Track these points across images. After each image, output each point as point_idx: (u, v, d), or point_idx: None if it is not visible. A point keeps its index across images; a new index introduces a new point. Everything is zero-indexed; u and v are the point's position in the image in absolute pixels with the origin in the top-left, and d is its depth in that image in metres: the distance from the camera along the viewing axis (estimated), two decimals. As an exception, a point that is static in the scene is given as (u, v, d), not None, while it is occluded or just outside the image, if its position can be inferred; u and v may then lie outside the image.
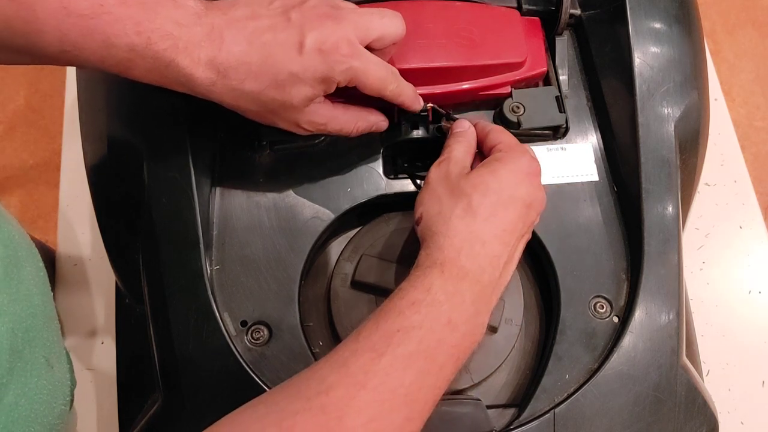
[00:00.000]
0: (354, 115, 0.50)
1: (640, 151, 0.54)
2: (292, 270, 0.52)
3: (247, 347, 0.50)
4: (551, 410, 0.48)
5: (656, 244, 0.52)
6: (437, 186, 0.48)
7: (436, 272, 0.42)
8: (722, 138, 0.79)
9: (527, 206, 0.46)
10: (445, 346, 0.40)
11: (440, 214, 0.45)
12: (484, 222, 0.44)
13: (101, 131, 0.54)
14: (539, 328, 0.55)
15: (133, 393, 0.59)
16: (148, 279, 0.50)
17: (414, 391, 0.39)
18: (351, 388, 0.37)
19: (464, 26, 0.56)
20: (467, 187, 0.46)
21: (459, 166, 0.49)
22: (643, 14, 0.57)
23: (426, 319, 0.40)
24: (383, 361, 0.38)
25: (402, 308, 0.41)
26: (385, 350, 0.39)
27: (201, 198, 0.51)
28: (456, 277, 0.42)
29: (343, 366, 0.38)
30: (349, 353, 0.39)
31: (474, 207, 0.45)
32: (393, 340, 0.39)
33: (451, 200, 0.46)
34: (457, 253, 0.43)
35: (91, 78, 0.56)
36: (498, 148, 0.49)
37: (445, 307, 0.41)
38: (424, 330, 0.40)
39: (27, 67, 1.62)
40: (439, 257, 0.43)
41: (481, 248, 0.44)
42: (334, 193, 0.54)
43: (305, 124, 0.48)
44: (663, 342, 0.50)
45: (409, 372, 0.39)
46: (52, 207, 0.75)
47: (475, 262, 0.43)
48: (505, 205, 0.45)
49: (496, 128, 0.52)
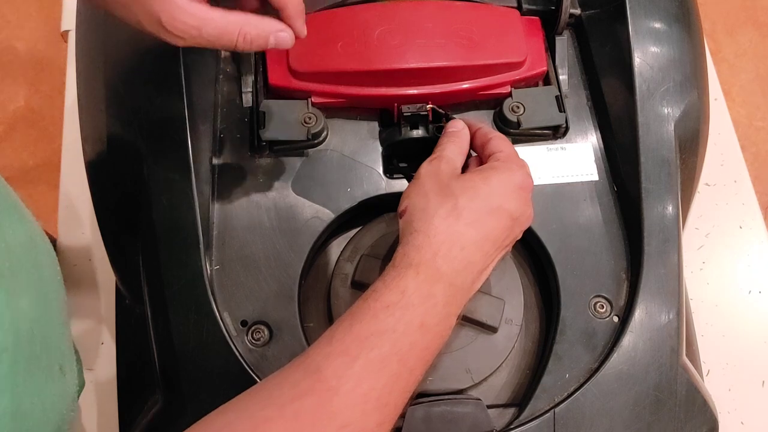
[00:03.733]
0: (238, 20, 0.42)
1: (640, 150, 0.54)
2: (292, 270, 0.52)
3: (247, 347, 0.50)
4: (551, 410, 0.48)
5: (656, 244, 0.52)
6: (426, 181, 0.46)
7: (411, 273, 0.41)
8: (722, 138, 0.79)
9: (513, 219, 0.46)
10: (416, 349, 0.40)
11: (424, 210, 0.44)
12: (467, 226, 0.44)
13: (101, 132, 0.54)
14: (539, 327, 0.55)
15: (134, 394, 0.59)
16: (148, 279, 0.50)
17: (386, 395, 0.38)
18: (324, 394, 0.37)
19: (464, 26, 0.56)
20: (456, 189, 0.45)
21: (450, 166, 0.48)
22: (643, 14, 0.57)
23: (399, 323, 0.40)
24: (356, 365, 0.38)
25: (376, 311, 0.40)
26: (358, 354, 0.38)
27: (201, 198, 0.51)
28: (431, 279, 0.42)
29: (316, 371, 0.38)
30: (321, 357, 0.38)
31: (459, 209, 0.44)
32: (366, 343, 0.39)
33: (438, 198, 0.45)
34: (434, 254, 0.42)
35: (91, 78, 0.56)
36: (496, 157, 0.48)
37: (419, 311, 0.40)
38: (397, 333, 0.39)
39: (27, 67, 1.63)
40: (415, 258, 0.42)
41: (459, 252, 0.43)
42: (334, 193, 0.54)
43: (171, 23, 0.40)
44: (663, 341, 0.50)
45: (382, 376, 0.38)
46: (52, 207, 0.75)
47: (450, 265, 0.42)
48: (490, 214, 0.44)
49: (498, 136, 0.50)
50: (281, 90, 0.56)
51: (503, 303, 0.53)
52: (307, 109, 0.55)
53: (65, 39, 0.84)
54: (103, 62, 0.55)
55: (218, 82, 0.58)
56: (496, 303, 0.52)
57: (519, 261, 0.56)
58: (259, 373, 0.48)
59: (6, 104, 1.59)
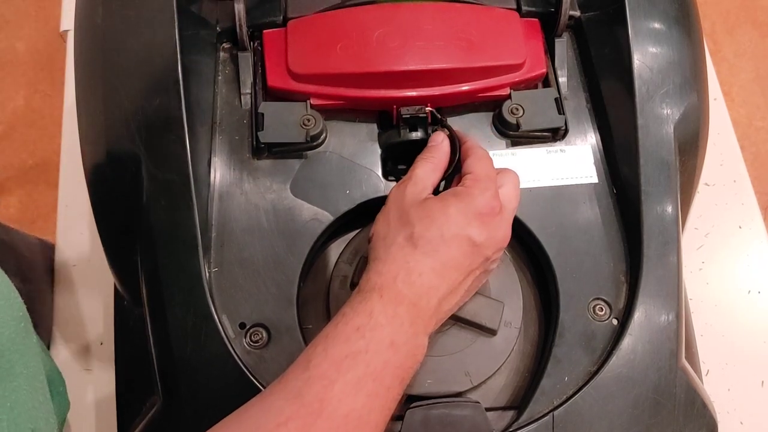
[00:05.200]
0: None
1: (640, 152, 0.54)
2: (290, 272, 0.52)
3: (245, 349, 0.50)
4: (550, 413, 0.48)
5: (656, 246, 0.52)
6: (391, 207, 0.48)
7: (376, 297, 0.43)
8: (722, 138, 0.79)
9: (474, 246, 0.45)
10: (390, 368, 0.41)
11: (385, 239, 0.46)
12: (423, 255, 0.44)
13: (100, 133, 0.54)
14: (538, 330, 0.55)
15: (132, 395, 0.59)
16: (147, 281, 0.50)
17: (365, 414, 0.40)
18: (308, 418, 0.38)
19: (463, 28, 0.56)
20: (414, 217, 0.46)
21: (419, 187, 0.48)
22: (642, 16, 0.56)
23: (371, 343, 0.41)
24: (335, 388, 0.39)
25: (348, 334, 0.41)
26: (336, 377, 0.39)
27: (199, 200, 0.51)
28: (394, 300, 0.43)
29: (298, 396, 0.39)
30: (301, 383, 0.40)
31: (415, 239, 0.45)
32: (342, 366, 0.40)
33: (397, 226, 0.46)
34: (393, 279, 0.43)
35: (89, 79, 0.56)
36: (464, 181, 0.48)
37: (387, 330, 0.42)
38: (370, 354, 0.41)
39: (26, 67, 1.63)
40: (377, 282, 0.43)
41: (418, 278, 0.44)
42: (333, 195, 0.54)
43: None
44: (662, 344, 0.50)
45: (360, 396, 0.39)
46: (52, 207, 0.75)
47: (411, 289, 0.43)
48: (447, 242, 0.45)
49: (475, 155, 0.50)
50: (280, 92, 0.56)
51: (502, 305, 0.52)
52: (306, 111, 0.55)
53: (64, 39, 0.84)
54: (101, 63, 0.55)
55: (217, 83, 0.58)
56: (495, 305, 0.52)
57: (518, 263, 0.56)
58: (257, 375, 0.48)
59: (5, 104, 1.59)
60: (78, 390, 0.64)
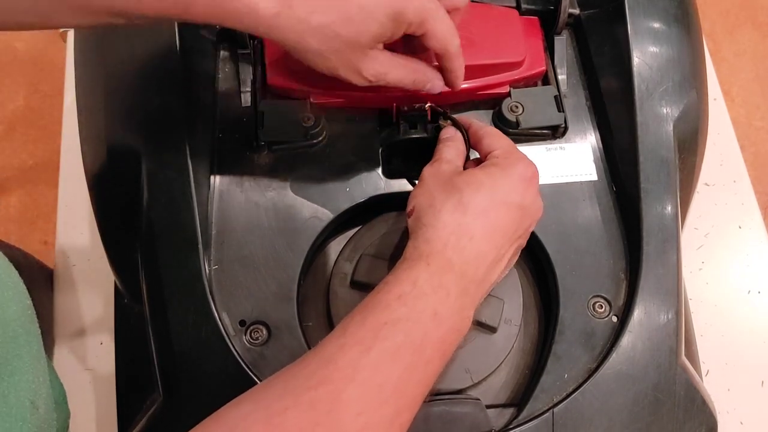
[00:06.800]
0: (413, 67, 0.50)
1: (639, 150, 0.54)
2: (291, 270, 0.52)
3: (245, 347, 0.50)
4: (550, 410, 0.48)
5: (655, 244, 0.52)
6: (430, 181, 0.47)
7: (422, 265, 0.42)
8: (721, 138, 0.79)
9: (522, 210, 0.46)
10: (431, 340, 0.40)
11: (431, 206, 0.45)
12: (474, 218, 0.44)
13: (100, 132, 0.54)
14: (538, 327, 0.55)
15: (132, 393, 0.59)
16: (147, 279, 0.50)
17: (402, 385, 0.38)
18: (339, 383, 0.37)
19: (463, 26, 0.55)
20: (460, 183, 0.46)
21: (452, 166, 0.49)
22: (642, 14, 0.57)
23: (413, 312, 0.40)
24: (371, 354, 0.38)
25: (389, 301, 0.40)
26: (372, 344, 0.38)
27: (200, 198, 0.51)
28: (442, 269, 0.42)
29: (331, 361, 0.38)
30: (336, 348, 0.39)
31: (465, 202, 0.44)
32: (380, 333, 0.39)
33: (443, 194, 0.45)
34: (444, 245, 0.43)
35: (90, 79, 0.56)
36: (495, 154, 0.49)
37: (431, 300, 0.41)
38: (411, 322, 0.40)
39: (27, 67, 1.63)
40: (425, 249, 0.43)
41: (468, 242, 0.43)
42: (333, 192, 0.54)
43: (366, 70, 0.46)
44: (662, 341, 0.50)
45: (397, 366, 0.38)
46: (52, 207, 0.75)
47: (461, 255, 0.43)
48: (497, 206, 0.45)
49: (490, 132, 0.51)
50: (280, 90, 0.56)
51: (502, 303, 0.53)
52: (306, 109, 0.55)
53: (64, 39, 0.84)
54: (101, 62, 0.55)
55: (217, 82, 0.58)
56: (495, 303, 0.52)
57: (518, 261, 0.56)
58: (258, 373, 0.48)
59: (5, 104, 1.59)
60: (78, 390, 0.64)
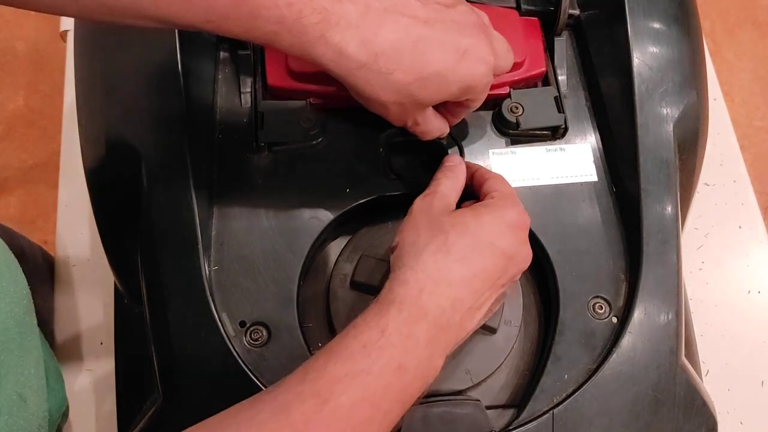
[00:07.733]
0: (442, 122, 0.51)
1: (639, 151, 0.54)
2: (290, 270, 0.52)
3: (246, 348, 0.50)
4: (550, 410, 0.48)
5: (655, 245, 0.52)
6: (418, 216, 0.47)
7: (394, 312, 0.40)
8: (721, 138, 0.79)
9: (506, 257, 0.45)
10: (392, 392, 0.39)
11: (414, 245, 0.44)
12: (455, 262, 0.43)
13: (99, 132, 0.54)
14: (538, 328, 0.55)
15: (132, 394, 0.59)
16: (147, 279, 0.50)
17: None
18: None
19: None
20: (446, 224, 0.45)
21: (444, 202, 0.48)
22: (642, 14, 0.56)
23: (375, 365, 0.38)
24: (326, 409, 0.37)
25: (353, 350, 0.39)
26: (329, 397, 0.37)
27: (199, 199, 0.51)
28: (413, 317, 0.41)
29: (284, 411, 0.37)
30: (292, 396, 0.37)
31: (449, 244, 0.43)
32: (337, 386, 0.37)
33: (428, 234, 0.44)
34: (419, 291, 0.42)
35: (89, 79, 0.56)
36: (491, 196, 0.48)
37: (397, 352, 0.39)
38: (372, 376, 0.38)
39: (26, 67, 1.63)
40: (400, 293, 0.41)
41: (446, 288, 0.42)
42: (333, 193, 0.54)
43: (413, 121, 0.48)
44: (662, 342, 0.50)
45: (351, 421, 0.37)
46: (52, 207, 0.75)
47: (435, 301, 0.42)
48: (481, 249, 0.44)
49: (494, 177, 0.50)
50: (280, 91, 0.56)
51: (502, 304, 0.52)
52: (306, 110, 0.55)
53: (64, 39, 0.84)
54: (101, 63, 0.55)
55: (217, 82, 0.58)
56: (495, 304, 0.52)
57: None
58: (257, 374, 0.48)
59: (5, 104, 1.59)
60: (78, 390, 0.64)
